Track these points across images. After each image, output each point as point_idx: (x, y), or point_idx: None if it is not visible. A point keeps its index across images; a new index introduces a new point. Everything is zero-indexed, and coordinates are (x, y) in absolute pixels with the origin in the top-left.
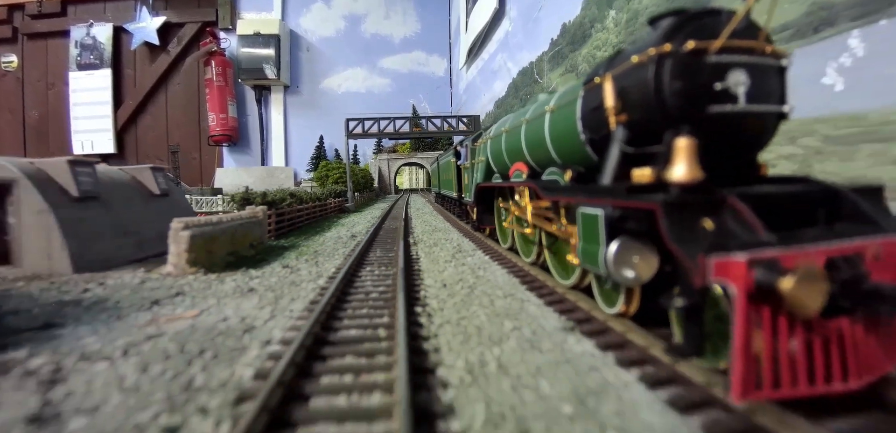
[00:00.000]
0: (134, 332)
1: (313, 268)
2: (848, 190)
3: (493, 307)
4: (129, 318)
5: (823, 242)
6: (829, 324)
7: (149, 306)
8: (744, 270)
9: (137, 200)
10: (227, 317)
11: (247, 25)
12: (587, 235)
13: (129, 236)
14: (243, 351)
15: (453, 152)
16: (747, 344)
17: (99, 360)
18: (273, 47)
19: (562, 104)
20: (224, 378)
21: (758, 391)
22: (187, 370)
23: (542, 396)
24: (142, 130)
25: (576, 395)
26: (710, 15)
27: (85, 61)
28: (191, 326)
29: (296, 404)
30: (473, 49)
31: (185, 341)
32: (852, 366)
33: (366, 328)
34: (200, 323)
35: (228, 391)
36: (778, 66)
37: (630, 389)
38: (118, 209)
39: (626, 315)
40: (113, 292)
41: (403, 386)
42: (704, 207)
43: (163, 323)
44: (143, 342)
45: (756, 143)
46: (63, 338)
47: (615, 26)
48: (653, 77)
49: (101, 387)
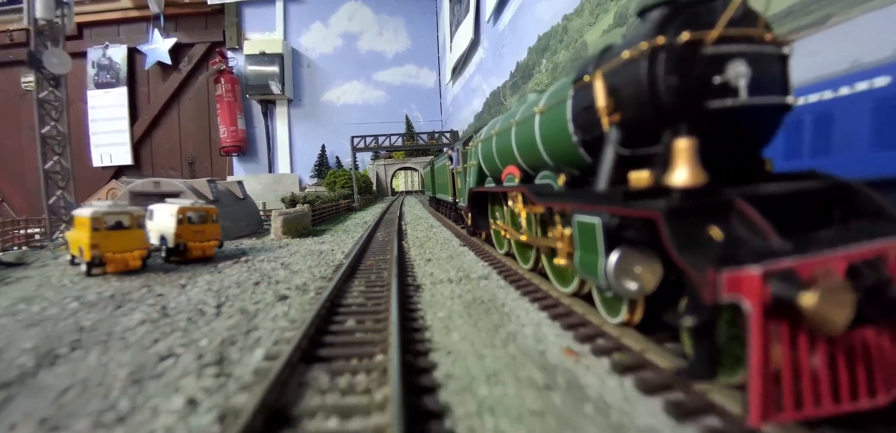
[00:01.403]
0: (280, 253)
1: (346, 237)
2: (861, 184)
3: (433, 235)
4: (273, 251)
5: (842, 246)
6: (853, 335)
7: (276, 248)
8: (759, 284)
9: (231, 201)
10: (321, 250)
11: (253, 45)
12: (585, 245)
13: (235, 222)
14: (333, 255)
15: (448, 156)
16: (765, 363)
17: (272, 261)
18: (277, 65)
19: (551, 104)
20: (330, 263)
21: (779, 413)
22: (312, 261)
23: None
24: (156, 143)
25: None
26: (703, 3)
27: (102, 80)
28: (304, 251)
29: (360, 267)
30: (457, 68)
31: (305, 255)
32: (879, 380)
33: (378, 254)
34: (306, 249)
35: (333, 265)
36: (779, 54)
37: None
38: (228, 206)
39: (630, 324)
40: (254, 245)
41: (394, 255)
42: (710, 213)
43: (289, 251)
44: (287, 256)
45: (760, 139)
46: (250, 257)
47: (545, 71)
48: (646, 73)
49: (278, 268)
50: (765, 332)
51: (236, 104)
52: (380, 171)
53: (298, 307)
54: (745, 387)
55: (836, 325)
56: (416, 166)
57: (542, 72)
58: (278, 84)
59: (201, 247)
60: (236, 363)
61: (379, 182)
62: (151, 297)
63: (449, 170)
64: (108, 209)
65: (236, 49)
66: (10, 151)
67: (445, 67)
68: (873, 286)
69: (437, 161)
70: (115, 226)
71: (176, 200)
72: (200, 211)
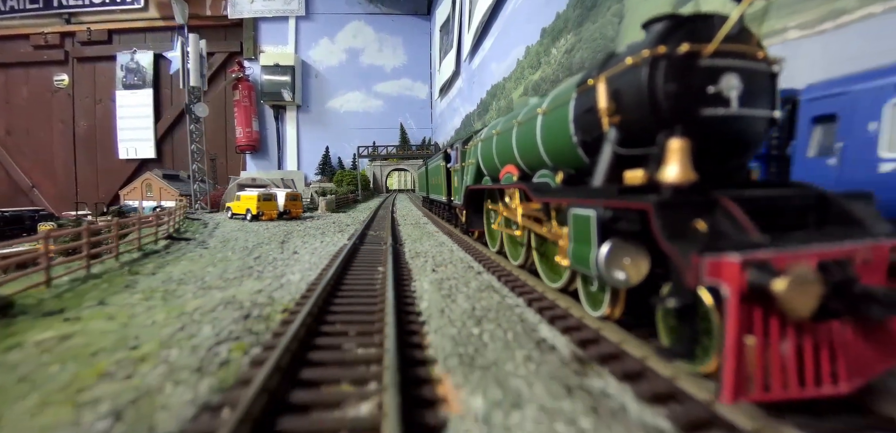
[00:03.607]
0: (329, 216)
1: (360, 214)
2: (838, 195)
3: (411, 210)
4: (326, 216)
5: (815, 245)
6: (820, 327)
7: (326, 215)
8: (737, 271)
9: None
10: (351, 218)
11: (268, 57)
12: (578, 236)
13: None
14: (358, 217)
15: (443, 155)
16: (739, 345)
17: (329, 218)
18: (289, 75)
19: (554, 106)
20: (358, 220)
21: (748, 393)
22: (348, 219)
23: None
24: (177, 140)
25: None
26: (703, 19)
27: (129, 82)
28: (342, 217)
29: (373, 221)
30: (443, 88)
31: (340, 222)
32: (842, 370)
33: (382, 220)
34: (338, 220)
35: (358, 226)
36: (769, 71)
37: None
38: None
39: (610, 318)
40: (313, 214)
41: (388, 221)
42: (697, 208)
43: (334, 217)
44: (334, 217)
45: (747, 147)
46: (316, 218)
47: (494, 111)
48: (647, 78)
49: (335, 221)
50: (740, 317)
51: (251, 108)
52: (376, 170)
53: (354, 225)
54: (717, 373)
55: (803, 311)
56: (408, 167)
57: (493, 111)
58: (289, 92)
59: (295, 212)
60: (347, 230)
61: (375, 180)
62: (286, 224)
63: (444, 169)
64: (262, 191)
65: (252, 59)
66: (41, 143)
67: (436, 84)
68: (840, 282)
69: (430, 161)
70: (265, 198)
71: (281, 189)
72: (294, 194)
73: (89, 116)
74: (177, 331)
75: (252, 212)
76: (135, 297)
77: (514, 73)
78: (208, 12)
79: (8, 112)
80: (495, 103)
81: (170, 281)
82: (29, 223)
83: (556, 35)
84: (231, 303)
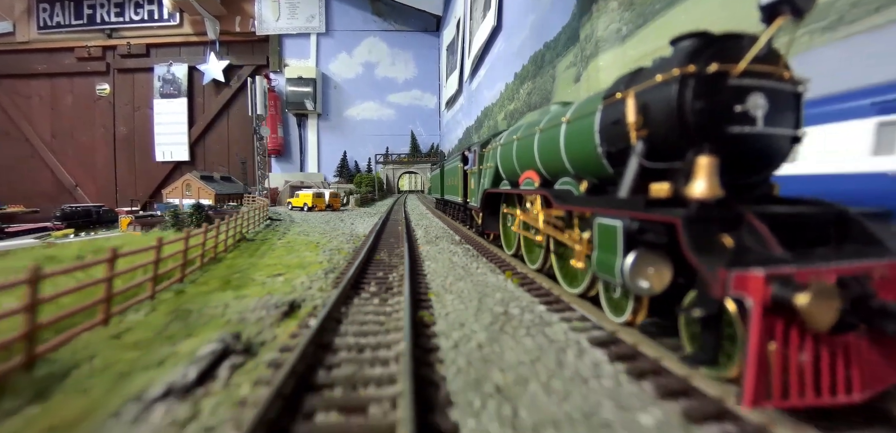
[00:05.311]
0: (360, 209)
1: (380, 208)
2: (857, 213)
3: (419, 207)
4: (357, 209)
5: (835, 262)
6: (837, 339)
7: (358, 208)
8: (761, 284)
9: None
10: (376, 211)
11: (292, 71)
12: (604, 245)
13: None
14: (380, 209)
15: (460, 157)
16: (761, 354)
17: (361, 211)
18: (311, 86)
19: (579, 116)
20: (381, 211)
21: (768, 400)
22: (375, 209)
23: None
24: (209, 144)
25: None
26: (731, 39)
27: (166, 92)
28: (369, 210)
29: (392, 213)
30: (449, 102)
31: (371, 212)
32: (856, 380)
33: (397, 211)
34: (367, 211)
35: (382, 214)
36: (794, 91)
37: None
38: None
39: (632, 324)
40: (347, 209)
41: (402, 214)
42: (723, 223)
43: (363, 210)
44: (361, 213)
45: (771, 164)
46: (351, 210)
47: (486, 129)
48: (676, 95)
49: (368, 211)
50: (763, 327)
51: (277, 116)
52: (389, 173)
53: (380, 214)
54: (739, 379)
55: (823, 323)
56: (417, 170)
57: (485, 128)
58: (311, 102)
59: (336, 205)
60: (376, 216)
61: (388, 182)
62: (333, 214)
63: (461, 171)
64: (314, 190)
65: (278, 72)
66: (84, 146)
67: (443, 97)
68: (858, 297)
69: (447, 162)
70: (317, 195)
71: (325, 189)
72: (335, 192)
73: (128, 122)
74: (322, 238)
75: (308, 205)
76: (288, 238)
77: (498, 101)
78: (237, 29)
79: (54, 117)
80: (487, 121)
81: (298, 233)
82: (95, 216)
83: (522, 80)
84: (340, 236)
